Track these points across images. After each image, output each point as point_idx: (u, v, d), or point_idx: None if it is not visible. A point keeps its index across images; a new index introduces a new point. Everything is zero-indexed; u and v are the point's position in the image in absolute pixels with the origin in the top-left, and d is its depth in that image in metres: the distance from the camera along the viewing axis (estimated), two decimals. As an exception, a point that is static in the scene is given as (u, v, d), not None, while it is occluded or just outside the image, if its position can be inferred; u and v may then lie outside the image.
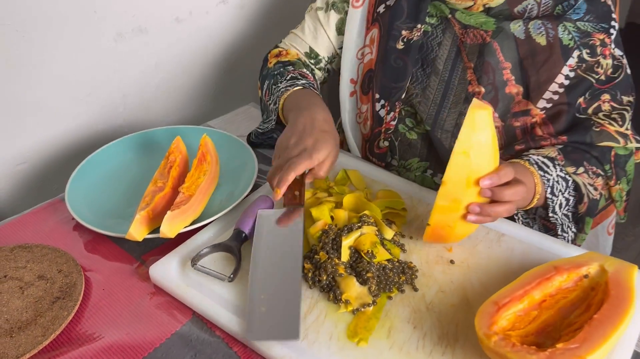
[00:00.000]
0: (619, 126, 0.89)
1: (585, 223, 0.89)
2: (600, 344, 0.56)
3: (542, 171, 0.82)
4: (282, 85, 0.95)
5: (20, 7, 0.96)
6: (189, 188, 0.88)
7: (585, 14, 0.87)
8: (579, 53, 0.87)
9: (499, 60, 0.88)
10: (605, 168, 0.87)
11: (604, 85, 0.89)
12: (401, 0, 0.94)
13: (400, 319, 0.69)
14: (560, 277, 0.67)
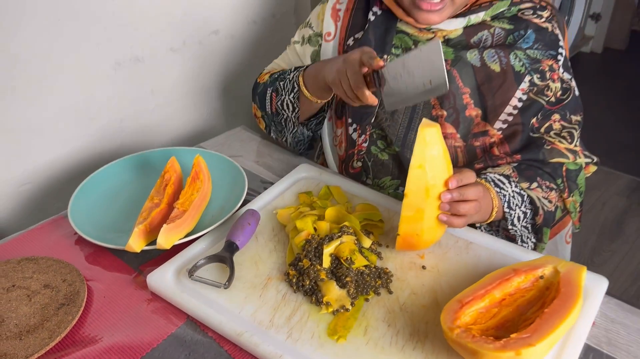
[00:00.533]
0: (568, 143, 0.98)
1: (544, 234, 0.97)
2: (549, 334, 0.63)
3: (498, 187, 0.91)
4: (291, 75, 1.03)
5: (29, 37, 1.04)
6: (183, 204, 0.96)
7: (534, 43, 0.96)
8: (530, 78, 0.96)
9: (459, 86, 0.97)
10: (558, 182, 0.96)
11: (554, 106, 0.98)
12: (368, 34, 1.02)
13: (376, 318, 0.76)
14: (519, 278, 0.75)
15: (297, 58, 1.14)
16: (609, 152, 2.73)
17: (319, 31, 1.11)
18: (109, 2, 1.14)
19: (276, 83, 1.07)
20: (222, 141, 1.25)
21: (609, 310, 0.80)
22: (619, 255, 2.13)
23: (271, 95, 1.08)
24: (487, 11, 0.97)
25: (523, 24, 0.97)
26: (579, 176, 0.99)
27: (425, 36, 0.99)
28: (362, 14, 1.06)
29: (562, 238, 1.07)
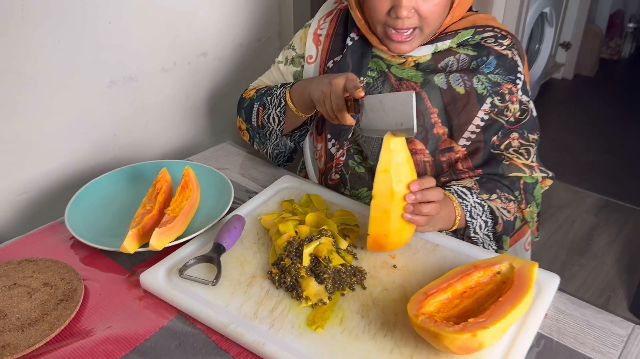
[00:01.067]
0: (525, 159, 1.07)
1: (503, 241, 1.06)
2: (501, 318, 0.72)
3: (460, 198, 1.00)
4: (278, 91, 1.12)
5: (31, 56, 1.12)
6: (173, 211, 1.03)
7: (495, 68, 1.06)
8: (491, 99, 1.06)
9: (427, 106, 1.06)
10: (515, 194, 1.05)
11: (513, 126, 1.08)
12: (346, 57, 1.12)
13: (351, 311, 0.84)
14: (478, 273, 0.83)
15: (280, 76, 1.23)
16: (579, 173, 2.86)
17: (302, 53, 1.20)
18: (106, 25, 1.23)
19: (263, 98, 1.16)
20: (209, 155, 1.33)
21: (560, 304, 0.89)
22: (587, 269, 2.24)
23: (258, 109, 1.17)
24: (452, 39, 1.07)
25: (485, 50, 1.07)
26: (536, 189, 1.08)
27: (397, 60, 1.09)
28: (341, 39, 1.15)
29: (521, 245, 1.16)
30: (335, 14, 1.18)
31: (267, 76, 1.27)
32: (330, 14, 1.19)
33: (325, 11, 1.20)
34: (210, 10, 1.45)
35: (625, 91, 3.84)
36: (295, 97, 1.09)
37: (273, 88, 1.15)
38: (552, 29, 3.24)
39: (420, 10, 0.98)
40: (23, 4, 1.08)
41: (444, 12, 1.01)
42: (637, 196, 2.64)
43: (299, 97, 1.08)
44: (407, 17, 0.97)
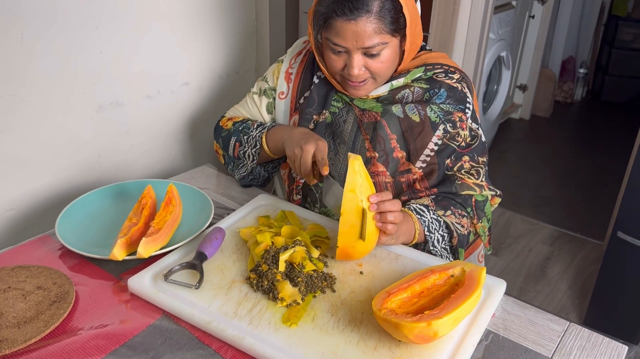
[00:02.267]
0: (475, 179, 1.20)
1: (459, 253, 1.18)
2: (452, 311, 0.82)
3: (419, 215, 1.12)
4: (254, 133, 1.25)
5: (27, 81, 1.21)
6: (158, 223, 1.11)
7: (446, 99, 1.19)
8: (443, 126, 1.18)
9: (387, 133, 1.19)
10: (468, 210, 1.17)
11: (464, 150, 1.21)
12: (313, 93, 1.25)
13: (322, 310, 0.94)
14: (434, 276, 0.94)
15: (254, 107, 1.34)
16: (535, 206, 3.04)
17: (273, 86, 1.32)
18: (98, 55, 1.33)
19: (240, 136, 1.28)
20: (189, 176, 1.42)
21: (507, 306, 1.00)
22: (543, 294, 2.37)
23: (235, 144, 1.29)
24: (406, 77, 1.19)
25: (437, 84, 1.20)
26: (486, 206, 1.21)
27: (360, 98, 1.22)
28: (309, 77, 1.27)
29: (475, 258, 1.27)
30: (304, 54, 1.30)
31: (242, 105, 1.37)
32: (300, 53, 1.31)
33: (295, 50, 1.32)
34: (194, 43, 1.57)
35: (578, 131, 4.09)
36: (270, 143, 1.23)
37: (250, 128, 1.27)
38: (509, 71, 3.46)
39: (370, 67, 1.11)
40: (23, 32, 1.18)
41: (392, 64, 1.14)
42: (588, 228, 2.82)
43: (274, 144, 1.22)
44: (359, 74, 1.11)
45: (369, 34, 1.06)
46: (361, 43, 1.07)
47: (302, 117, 1.25)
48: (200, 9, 1.55)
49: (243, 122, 1.30)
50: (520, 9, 3.48)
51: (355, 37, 1.06)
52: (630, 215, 1.84)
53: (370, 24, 1.05)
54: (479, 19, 2.41)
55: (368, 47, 1.07)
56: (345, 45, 1.08)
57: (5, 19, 1.14)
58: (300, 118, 1.26)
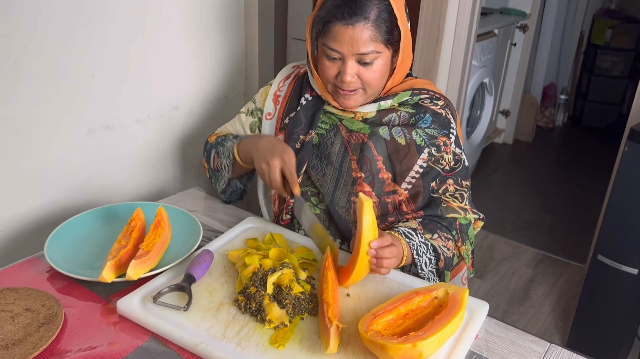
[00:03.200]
0: (460, 202, 1.24)
1: (445, 276, 1.20)
2: (436, 332, 0.85)
3: (407, 238, 1.14)
4: (229, 143, 1.29)
5: (20, 104, 1.22)
6: (147, 246, 1.13)
7: (431, 123, 1.24)
8: (428, 150, 1.22)
9: (374, 154, 1.22)
10: (453, 233, 1.21)
11: (448, 173, 1.25)
12: (300, 113, 1.28)
13: (309, 331, 0.95)
14: (419, 298, 0.96)
15: (240, 125, 1.40)
16: (519, 229, 3.08)
17: (260, 107, 1.36)
18: (89, 79, 1.35)
19: (218, 147, 1.32)
20: (178, 199, 1.44)
21: (490, 327, 1.02)
22: (526, 316, 2.39)
23: (214, 156, 1.34)
24: (393, 99, 1.24)
25: (422, 109, 1.24)
26: (469, 229, 1.24)
27: (348, 115, 1.26)
28: (296, 99, 1.32)
29: (458, 280, 1.29)
30: (293, 78, 1.35)
31: (231, 124, 1.42)
32: (288, 77, 1.36)
33: (284, 74, 1.37)
34: (184, 68, 1.60)
35: (560, 156, 4.17)
36: (241, 153, 1.26)
37: (227, 139, 1.31)
38: (492, 97, 3.54)
39: (362, 76, 1.16)
40: (16, 57, 1.20)
41: (383, 77, 1.19)
42: (570, 251, 2.86)
43: (245, 154, 1.25)
44: (351, 81, 1.15)
45: (365, 40, 1.11)
46: (356, 49, 1.12)
47: (288, 136, 1.29)
48: (190, 35, 1.58)
49: (225, 136, 1.35)
50: (502, 36, 3.58)
51: (352, 42, 1.11)
52: (609, 238, 1.88)
53: (367, 30, 1.11)
54: (462, 46, 2.48)
55: (362, 53, 1.12)
56: (340, 50, 1.13)
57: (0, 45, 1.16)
58: (286, 137, 1.29)
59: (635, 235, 1.79)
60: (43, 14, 1.21)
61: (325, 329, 0.91)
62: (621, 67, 4.30)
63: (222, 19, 1.67)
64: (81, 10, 1.28)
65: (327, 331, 0.90)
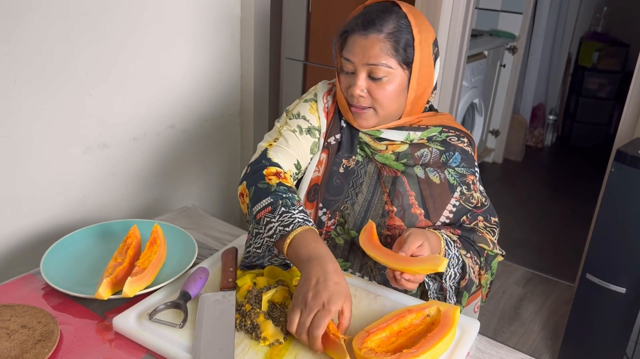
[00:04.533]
0: (492, 235, 1.27)
1: (463, 296, 1.20)
2: (429, 349, 0.87)
3: (447, 246, 1.14)
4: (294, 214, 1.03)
5: (20, 123, 1.24)
6: (143, 263, 1.14)
7: (460, 162, 1.24)
8: (460, 189, 1.23)
9: (406, 189, 1.21)
10: (481, 259, 1.22)
11: (478, 210, 1.26)
12: (342, 136, 1.25)
13: (304, 349, 0.96)
14: (411, 316, 0.98)
15: (299, 144, 1.22)
16: (509, 248, 3.11)
17: (317, 126, 1.25)
18: (87, 98, 1.37)
19: (279, 201, 1.05)
20: (173, 216, 1.45)
21: (481, 345, 1.04)
22: (517, 335, 2.41)
23: (266, 207, 1.06)
24: (423, 132, 1.23)
25: (452, 147, 1.24)
26: (494, 261, 1.26)
27: (379, 146, 1.23)
28: (339, 118, 1.27)
29: (471, 307, 1.29)
30: (334, 93, 1.29)
31: (287, 145, 1.21)
32: (330, 92, 1.29)
33: (324, 89, 1.30)
34: (180, 87, 1.63)
35: (549, 175, 4.23)
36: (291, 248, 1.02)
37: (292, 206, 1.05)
38: (482, 117, 3.60)
39: (372, 92, 1.15)
40: (16, 76, 1.22)
41: (396, 99, 1.17)
42: (560, 271, 2.89)
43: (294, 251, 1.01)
44: (360, 96, 1.15)
45: (376, 51, 1.12)
46: (367, 58, 1.13)
47: (332, 159, 1.24)
48: (187, 55, 1.61)
49: (290, 190, 1.10)
50: (492, 58, 3.65)
51: (363, 52, 1.13)
52: (597, 257, 1.91)
53: (379, 42, 1.12)
54: (452, 68, 2.53)
55: (372, 64, 1.12)
56: (352, 59, 1.14)
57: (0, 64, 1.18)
58: (329, 161, 1.25)
59: (622, 254, 1.82)
60: (44, 35, 1.24)
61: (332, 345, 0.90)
62: (608, 89, 4.39)
63: (219, 39, 1.70)
64: (81, 33, 1.31)
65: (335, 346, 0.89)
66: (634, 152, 1.74)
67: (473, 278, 1.20)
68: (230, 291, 1.08)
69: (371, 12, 1.15)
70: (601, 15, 4.45)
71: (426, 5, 2.43)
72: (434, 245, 1.12)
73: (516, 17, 3.84)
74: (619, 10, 4.41)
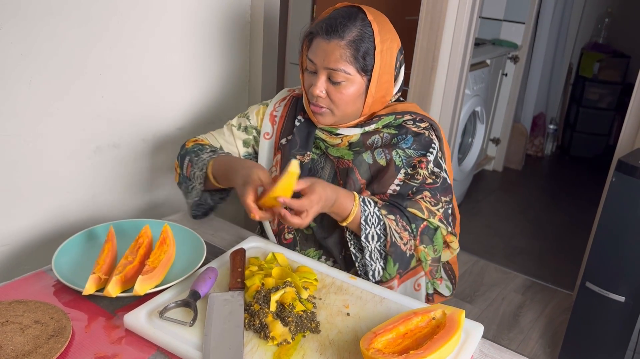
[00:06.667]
0: (430, 206, 1.24)
1: (388, 262, 1.21)
2: (435, 351, 0.88)
3: (363, 203, 1.17)
4: (205, 155, 1.28)
5: (28, 120, 1.26)
6: (153, 262, 1.16)
7: (412, 144, 1.27)
8: (404, 170, 1.26)
9: (357, 177, 1.28)
10: (412, 226, 1.21)
11: (426, 186, 1.25)
12: (295, 136, 1.34)
13: (311, 349, 0.98)
14: (417, 318, 1.00)
15: (231, 138, 1.41)
16: (508, 255, 3.13)
17: (256, 126, 1.40)
18: (99, 99, 1.39)
19: (192, 155, 1.31)
20: (181, 217, 1.47)
21: (484, 348, 1.06)
22: (515, 342, 2.43)
23: (187, 164, 1.33)
24: (377, 123, 1.28)
25: (404, 129, 1.28)
26: (436, 235, 1.24)
27: (334, 141, 1.30)
28: (292, 120, 1.37)
29: (411, 284, 1.30)
30: (288, 99, 1.41)
31: (218, 133, 1.43)
32: (284, 99, 1.42)
33: (280, 97, 1.43)
34: (190, 90, 1.65)
35: (549, 184, 4.26)
36: (218, 172, 1.25)
37: (204, 150, 1.31)
38: (483, 125, 3.63)
39: (331, 95, 1.22)
40: (32, 77, 1.24)
41: (353, 103, 1.23)
42: (559, 278, 2.91)
43: (223, 176, 1.24)
44: (319, 96, 1.22)
45: (336, 57, 1.18)
46: (327, 62, 1.19)
47: (286, 158, 1.33)
48: (197, 57, 1.63)
49: (202, 145, 1.34)
50: (494, 67, 3.68)
51: (324, 55, 1.19)
52: (597, 266, 1.93)
53: (340, 48, 1.18)
54: (455, 76, 2.56)
55: (332, 68, 1.19)
56: (315, 61, 1.20)
57: (15, 64, 1.20)
58: (283, 159, 1.34)
59: (622, 263, 1.84)
60: (60, 37, 1.26)
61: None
62: (609, 100, 4.42)
63: (228, 43, 1.72)
64: (96, 35, 1.33)
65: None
66: (634, 162, 1.76)
67: (400, 244, 1.20)
68: (239, 291, 1.10)
69: (337, 17, 1.20)
70: (602, 27, 4.48)
71: (430, 14, 2.46)
72: (343, 196, 1.15)
73: (519, 27, 3.88)
74: (620, 21, 4.44)
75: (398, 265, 1.23)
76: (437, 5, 2.44)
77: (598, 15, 4.49)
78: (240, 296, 1.08)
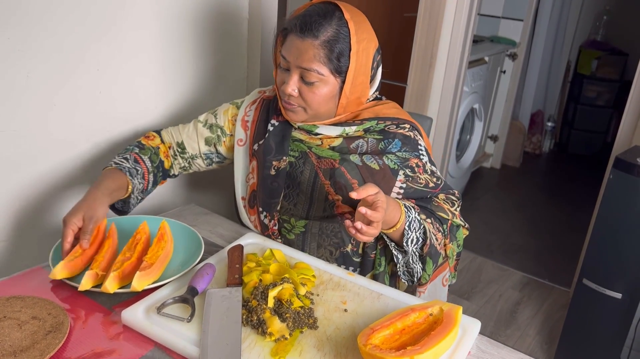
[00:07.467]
0: (450, 207, 1.27)
1: (427, 264, 1.20)
2: (433, 346, 0.89)
3: (406, 208, 1.14)
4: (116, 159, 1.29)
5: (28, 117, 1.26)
6: (150, 258, 1.16)
7: (401, 147, 1.25)
8: (403, 172, 1.24)
9: (347, 178, 1.24)
10: (443, 227, 1.22)
11: (435, 190, 1.26)
12: (269, 140, 1.30)
13: (309, 345, 0.99)
14: (414, 314, 1.00)
15: (194, 134, 1.40)
16: (506, 253, 3.14)
17: (222, 125, 1.38)
18: (96, 95, 1.39)
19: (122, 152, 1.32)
20: (178, 213, 1.47)
21: (481, 344, 1.07)
22: (512, 339, 2.44)
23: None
24: (359, 126, 1.25)
25: (390, 134, 1.26)
26: (458, 232, 1.27)
27: (315, 142, 1.28)
28: (263, 125, 1.33)
29: (439, 280, 1.30)
30: (258, 102, 1.37)
31: (183, 127, 1.42)
32: (254, 102, 1.38)
33: (251, 99, 1.39)
34: (187, 87, 1.65)
35: (546, 181, 4.26)
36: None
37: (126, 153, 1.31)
38: (481, 122, 3.63)
39: (303, 94, 1.19)
40: (29, 71, 1.24)
41: (325, 103, 1.21)
42: (556, 275, 2.92)
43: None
44: (291, 94, 1.20)
45: (309, 56, 1.15)
46: (300, 61, 1.16)
47: (262, 164, 1.30)
48: (196, 54, 1.63)
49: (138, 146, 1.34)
50: (493, 64, 3.68)
51: (298, 54, 1.16)
52: (594, 263, 1.94)
53: (314, 48, 1.15)
54: (454, 73, 2.56)
55: (304, 68, 1.16)
56: (288, 58, 1.17)
57: (13, 59, 1.20)
58: (259, 165, 1.31)
59: (619, 260, 1.85)
60: (57, 32, 1.26)
61: None
62: (606, 97, 4.43)
63: (227, 41, 1.72)
64: (93, 30, 1.33)
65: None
66: (632, 160, 1.77)
67: (436, 245, 1.20)
68: (236, 287, 1.10)
69: (312, 14, 1.16)
70: (601, 24, 4.49)
71: (429, 11, 2.46)
72: (393, 205, 1.10)
73: (517, 24, 3.88)
74: (618, 19, 4.45)
75: (434, 266, 1.23)
76: (435, 2, 2.44)
77: (596, 13, 4.50)
78: (238, 292, 1.08)
